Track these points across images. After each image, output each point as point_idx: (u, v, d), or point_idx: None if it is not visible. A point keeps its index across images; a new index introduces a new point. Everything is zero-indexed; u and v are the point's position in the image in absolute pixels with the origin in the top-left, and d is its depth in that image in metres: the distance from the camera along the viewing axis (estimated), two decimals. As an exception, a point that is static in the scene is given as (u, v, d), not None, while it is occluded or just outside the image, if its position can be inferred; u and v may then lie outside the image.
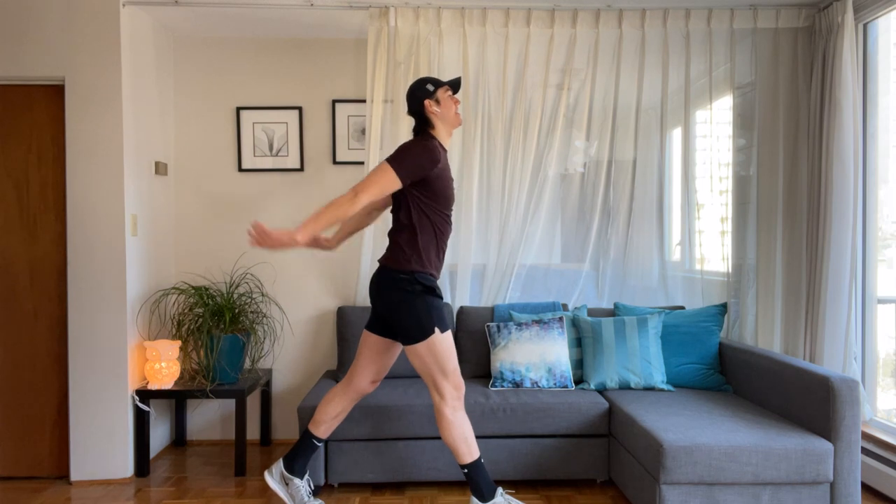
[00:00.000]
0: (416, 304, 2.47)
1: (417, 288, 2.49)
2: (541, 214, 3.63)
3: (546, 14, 3.45)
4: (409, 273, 2.49)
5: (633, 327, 3.25)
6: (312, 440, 2.72)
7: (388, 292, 2.51)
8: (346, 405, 2.72)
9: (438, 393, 2.51)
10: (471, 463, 2.51)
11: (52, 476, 3.24)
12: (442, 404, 2.50)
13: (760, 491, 2.48)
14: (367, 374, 2.69)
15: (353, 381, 2.70)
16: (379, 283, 2.54)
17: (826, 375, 2.55)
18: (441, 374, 2.49)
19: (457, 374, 2.53)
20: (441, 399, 2.51)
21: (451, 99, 2.60)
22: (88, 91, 3.12)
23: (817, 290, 3.23)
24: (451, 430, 2.50)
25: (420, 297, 2.48)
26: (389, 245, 2.57)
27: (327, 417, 2.71)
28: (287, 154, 3.77)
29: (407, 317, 2.47)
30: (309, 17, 3.45)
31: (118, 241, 3.15)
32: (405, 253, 2.50)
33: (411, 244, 2.50)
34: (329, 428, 2.73)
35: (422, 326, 2.47)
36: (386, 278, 2.52)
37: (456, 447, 2.50)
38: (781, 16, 3.43)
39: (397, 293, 2.49)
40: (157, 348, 3.24)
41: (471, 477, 2.52)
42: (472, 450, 2.52)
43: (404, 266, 2.49)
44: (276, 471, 2.73)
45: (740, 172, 3.63)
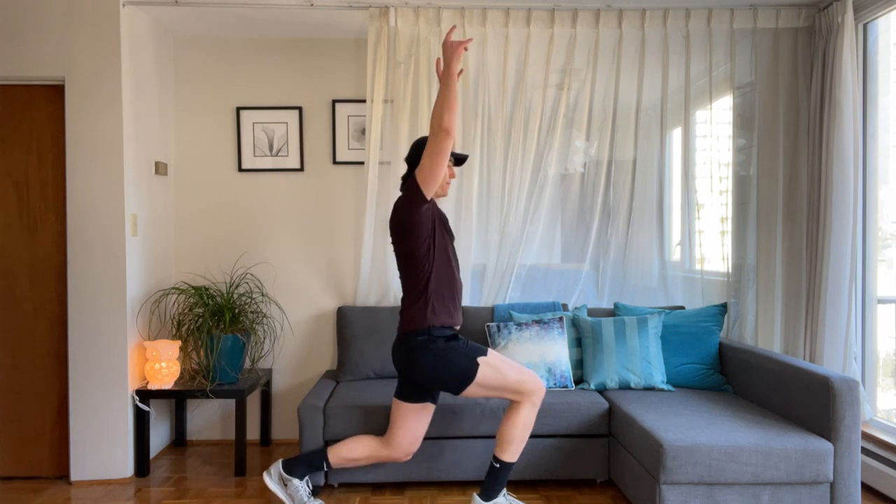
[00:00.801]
0: (447, 357, 2.48)
1: (440, 342, 2.49)
2: (541, 214, 3.63)
3: (546, 14, 3.45)
4: (425, 331, 2.49)
5: (633, 327, 3.25)
6: (323, 462, 2.71)
7: (415, 357, 2.50)
8: (370, 457, 2.71)
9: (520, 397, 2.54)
10: (507, 462, 2.53)
11: (52, 476, 3.24)
12: (525, 399, 2.53)
13: (760, 491, 2.48)
14: (404, 440, 2.66)
15: (390, 447, 2.68)
16: (403, 352, 2.54)
17: (826, 375, 2.55)
18: (508, 390, 2.52)
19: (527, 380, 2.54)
20: (524, 398, 2.53)
21: (448, 169, 2.60)
22: (88, 91, 3.12)
23: (817, 290, 3.23)
24: (517, 425, 2.52)
25: (446, 348, 2.49)
26: (402, 311, 2.57)
27: (348, 456, 2.70)
28: (287, 154, 3.77)
29: (444, 374, 2.49)
30: (309, 17, 3.45)
31: (118, 241, 3.15)
32: (417, 313, 2.50)
33: (422, 302, 2.50)
34: (342, 465, 2.72)
35: (464, 372, 2.48)
36: (408, 345, 2.52)
37: (510, 442, 2.52)
38: (781, 16, 3.43)
39: (423, 354, 2.49)
40: (157, 348, 3.24)
41: (496, 474, 2.53)
42: (517, 453, 2.55)
43: (420, 326, 2.49)
44: (274, 472, 2.73)
45: (740, 172, 3.63)
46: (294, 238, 3.79)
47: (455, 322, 2.56)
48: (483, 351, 2.53)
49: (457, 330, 2.58)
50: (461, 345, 2.52)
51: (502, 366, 2.52)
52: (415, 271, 2.51)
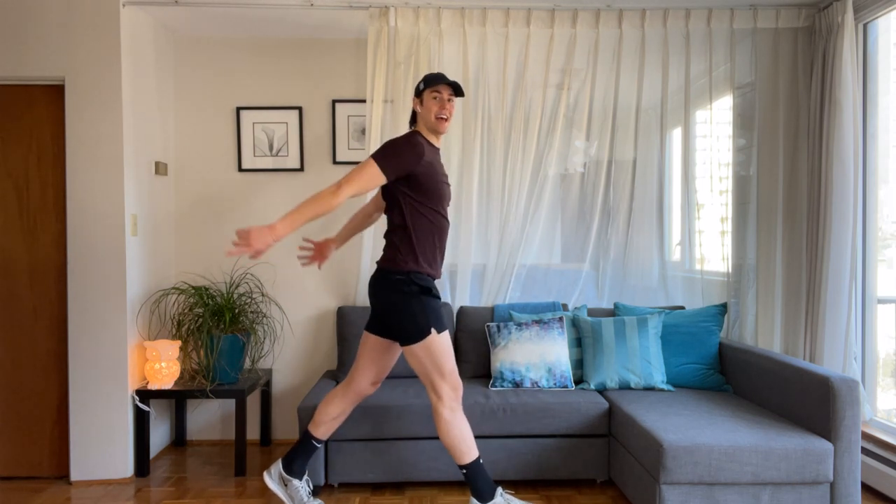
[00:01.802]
0: (412, 305, 2.47)
1: (414, 289, 2.48)
2: (541, 214, 3.63)
3: (546, 14, 3.45)
4: (404, 274, 2.49)
5: (633, 327, 3.25)
6: (312, 441, 2.72)
7: (384, 293, 2.50)
8: (346, 407, 2.72)
9: (436, 394, 2.50)
10: (469, 463, 2.51)
11: (52, 476, 3.24)
12: (439, 405, 2.50)
13: (760, 491, 2.48)
14: (367, 375, 2.69)
15: (354, 383, 2.70)
16: (376, 285, 2.54)
17: (826, 375, 2.55)
18: (438, 374, 2.49)
19: (454, 374, 2.52)
20: (438, 400, 2.50)
21: (436, 102, 2.54)
22: (88, 91, 3.12)
23: (817, 290, 3.23)
24: (448, 431, 2.50)
25: (416, 297, 2.48)
26: (385, 246, 2.57)
27: (327, 418, 2.71)
28: (287, 154, 3.77)
29: (404, 318, 2.47)
30: (309, 17, 3.45)
31: (118, 241, 3.15)
32: (400, 253, 2.50)
33: (406, 244, 2.50)
34: (329, 429, 2.73)
35: (419, 327, 2.46)
36: (382, 280, 2.52)
37: (454, 448, 2.50)
38: (781, 16, 3.43)
39: (394, 294, 2.48)
40: (157, 348, 3.23)
41: (470, 477, 2.51)
42: (471, 450, 2.51)
43: (400, 266, 2.49)
44: (274, 472, 2.73)
45: (740, 172, 3.63)
46: (294, 238, 3.79)
47: (435, 272, 2.56)
48: (443, 327, 2.52)
49: (434, 284, 2.56)
50: (432, 304, 2.50)
51: (449, 352, 2.52)
52: (401, 214, 2.51)
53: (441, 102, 2.55)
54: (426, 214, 2.51)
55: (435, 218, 2.54)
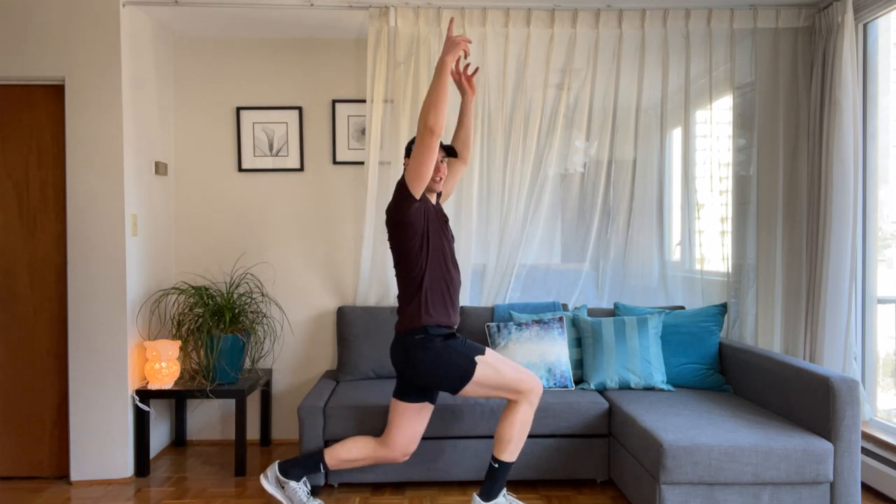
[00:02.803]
0: (444, 356, 2.47)
1: (437, 341, 2.48)
2: (541, 214, 3.63)
3: (546, 14, 3.45)
4: (422, 330, 2.48)
5: (633, 327, 3.25)
6: (320, 464, 2.70)
7: (413, 357, 2.49)
8: (367, 458, 2.70)
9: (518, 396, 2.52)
10: (506, 462, 2.52)
11: (52, 476, 3.24)
12: (522, 399, 2.52)
13: (760, 491, 2.48)
14: (400, 443, 2.65)
15: (388, 447, 2.67)
16: (401, 352, 2.53)
17: (826, 375, 2.55)
18: (505, 389, 2.51)
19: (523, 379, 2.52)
20: (521, 396, 2.52)
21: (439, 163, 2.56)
22: (88, 91, 3.12)
23: (817, 290, 3.23)
24: (514, 424, 2.51)
25: (444, 346, 2.48)
26: (398, 310, 2.56)
27: (346, 457, 2.68)
28: (287, 154, 3.77)
29: (442, 372, 2.47)
30: (309, 17, 3.45)
31: (118, 241, 3.15)
32: (413, 312, 2.49)
33: (417, 301, 2.49)
34: (339, 466, 2.71)
35: (461, 370, 2.47)
36: (404, 344, 2.51)
37: (508, 441, 2.50)
38: (781, 16, 3.43)
39: (422, 354, 2.48)
40: (157, 348, 3.24)
41: (495, 474, 2.52)
42: (516, 452, 2.54)
43: (415, 324, 2.48)
44: (270, 475, 2.72)
45: (740, 172, 3.63)
46: (294, 238, 3.79)
47: (452, 322, 2.56)
48: (481, 350, 2.53)
49: (454, 329, 2.57)
50: (459, 344, 2.52)
51: (500, 365, 2.52)
52: (409, 270, 2.51)
53: (442, 165, 2.57)
54: (435, 267, 2.51)
55: (444, 271, 2.53)
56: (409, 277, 2.51)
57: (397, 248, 2.52)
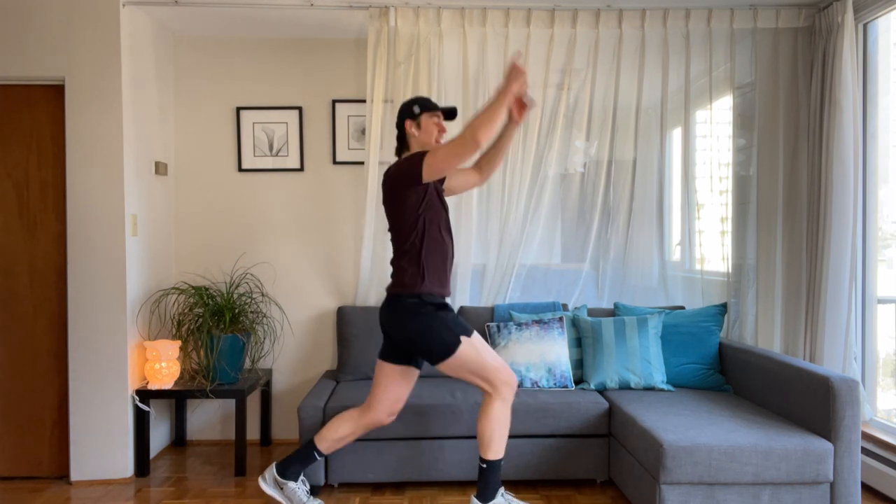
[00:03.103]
0: (433, 325, 2.46)
1: (429, 308, 2.48)
2: (541, 214, 3.63)
3: (546, 14, 3.45)
4: (416, 296, 2.48)
5: (633, 327, 3.25)
6: (314, 452, 2.70)
7: (402, 320, 2.49)
8: (355, 431, 2.69)
9: (491, 388, 2.51)
10: (493, 461, 2.51)
11: (52, 476, 3.24)
12: (494, 394, 2.50)
13: (760, 491, 2.48)
14: (384, 404, 2.65)
15: (370, 411, 2.66)
16: (391, 313, 2.53)
17: (826, 375, 2.55)
18: (481, 377, 2.50)
19: (500, 369, 2.51)
20: (494, 390, 2.50)
21: (436, 125, 2.58)
22: (88, 91, 3.12)
23: (817, 290, 3.23)
24: (491, 421, 2.49)
25: (433, 316, 2.47)
26: (393, 273, 2.56)
27: (334, 436, 2.68)
28: (287, 154, 3.77)
29: (427, 339, 2.47)
30: (309, 17, 3.45)
31: (118, 241, 3.15)
32: (410, 277, 2.49)
33: (414, 266, 2.49)
34: (332, 447, 2.71)
35: (445, 343, 2.46)
36: (396, 307, 2.51)
37: (489, 440, 2.50)
38: (781, 16, 3.43)
39: (411, 318, 2.47)
40: (157, 348, 3.24)
41: (485, 474, 2.51)
42: (500, 449, 2.52)
43: (411, 290, 2.48)
44: (269, 476, 2.72)
45: (740, 172, 3.63)
46: (294, 238, 3.79)
47: (445, 291, 2.56)
48: (468, 331, 2.53)
49: (446, 301, 2.57)
50: (450, 317, 2.51)
51: (483, 350, 2.52)
52: (407, 236, 2.50)
53: (439, 126, 2.59)
54: (432, 236, 2.51)
55: (440, 237, 2.53)
56: (405, 242, 2.51)
57: (394, 212, 2.51)
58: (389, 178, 2.50)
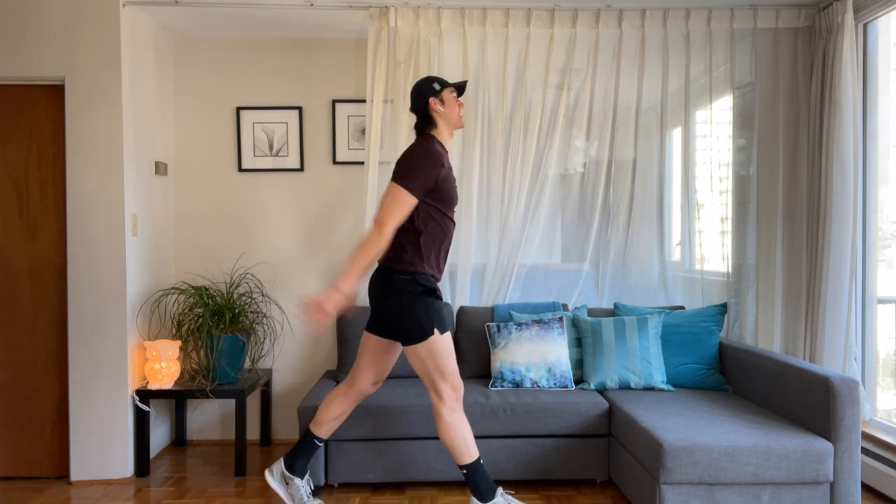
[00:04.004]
0: (415, 306, 2.47)
1: (418, 289, 2.48)
2: (541, 214, 3.63)
3: (546, 14, 3.45)
4: (409, 274, 2.49)
5: (633, 327, 3.25)
6: (314, 440, 2.72)
7: (388, 293, 2.50)
8: (347, 406, 2.73)
9: (437, 394, 2.51)
10: (470, 464, 2.51)
11: (52, 476, 3.24)
12: (440, 405, 2.50)
13: (760, 491, 2.48)
14: (368, 375, 2.69)
15: (355, 383, 2.70)
16: (379, 284, 2.54)
17: (826, 375, 2.55)
18: (440, 375, 2.49)
19: (455, 375, 2.52)
20: (439, 400, 2.50)
21: (456, 101, 2.61)
22: (88, 91, 3.12)
23: (817, 290, 3.23)
24: (448, 432, 2.50)
25: (420, 298, 2.48)
26: (390, 245, 2.55)
27: (329, 418, 2.71)
28: (287, 154, 3.77)
29: (406, 318, 2.47)
30: (309, 17, 3.45)
31: (118, 241, 3.15)
32: (407, 254, 2.50)
33: (413, 245, 2.50)
34: (330, 428, 2.73)
35: (421, 327, 2.46)
36: (386, 279, 2.51)
37: (454, 448, 2.50)
38: (781, 16, 3.43)
39: (398, 294, 2.48)
40: (157, 348, 3.24)
41: (470, 478, 2.51)
42: (471, 450, 2.51)
43: (405, 267, 2.49)
44: (276, 470, 2.74)
45: (740, 172, 3.63)
46: (294, 238, 3.79)
47: (439, 272, 2.57)
48: (446, 329, 2.52)
49: (438, 286, 2.57)
50: (435, 305, 2.50)
51: (451, 353, 2.52)
52: (410, 215, 2.51)
53: (459, 101, 2.63)
54: (436, 218, 2.51)
55: (444, 222, 2.54)
56: (410, 219, 2.50)
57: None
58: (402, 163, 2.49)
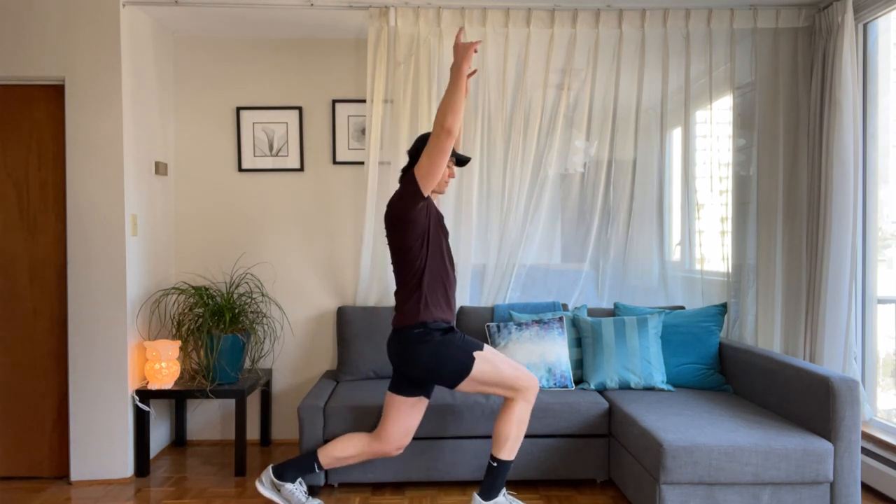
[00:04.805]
0: (441, 349, 2.47)
1: (436, 335, 2.48)
2: (541, 214, 3.63)
3: (546, 14, 3.45)
4: (422, 325, 2.49)
5: (633, 327, 3.25)
6: (314, 464, 2.70)
7: (411, 351, 2.49)
8: (361, 455, 2.70)
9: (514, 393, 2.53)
10: (505, 461, 2.53)
11: (52, 476, 3.24)
12: (517, 396, 2.53)
13: (760, 491, 2.48)
14: (395, 436, 2.66)
15: (381, 441, 2.68)
16: (397, 345, 2.53)
17: (826, 375, 2.55)
18: (504, 387, 2.51)
19: (522, 377, 2.53)
20: (517, 394, 2.53)
21: (449, 169, 2.61)
22: (88, 91, 3.12)
23: (817, 290, 3.23)
24: (510, 423, 2.52)
25: (442, 341, 2.48)
26: (396, 306, 2.57)
27: (339, 455, 2.69)
28: (287, 154, 3.77)
29: (442, 365, 2.47)
30: (309, 17, 3.45)
31: (118, 241, 3.15)
32: (412, 308, 2.50)
33: (416, 297, 2.50)
34: (333, 464, 2.71)
35: (460, 364, 2.47)
36: (403, 339, 2.51)
37: (505, 440, 2.51)
38: (781, 16, 3.43)
39: (420, 347, 2.48)
40: (157, 348, 3.24)
41: (495, 474, 2.53)
42: (514, 451, 2.54)
43: (415, 320, 2.49)
44: (265, 479, 2.72)
45: (740, 172, 3.63)
46: (294, 238, 3.79)
47: (449, 318, 2.56)
48: (479, 346, 2.53)
49: (452, 324, 2.58)
50: (458, 338, 2.52)
51: (498, 361, 2.52)
52: (409, 266, 2.51)
53: (451, 170, 2.63)
54: (435, 263, 2.52)
55: (442, 268, 2.54)
56: (408, 273, 2.52)
57: (397, 243, 2.52)
58: (393, 209, 2.50)
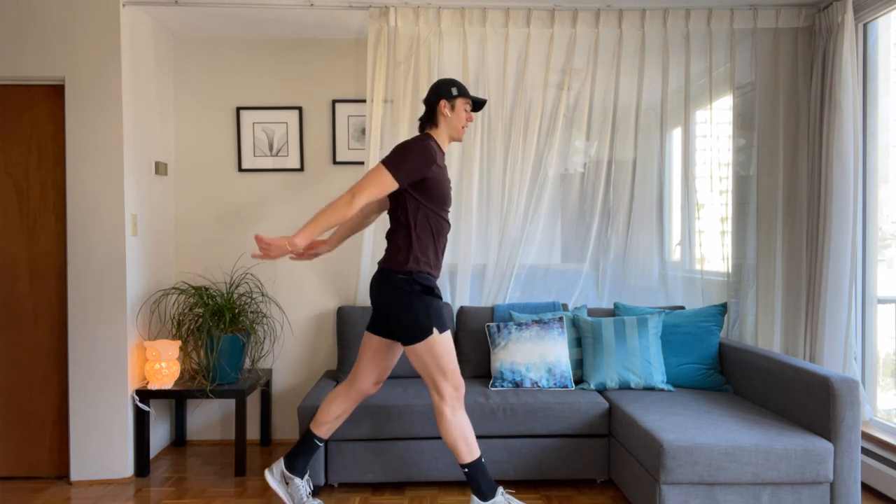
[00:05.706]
0: (414, 305, 2.47)
1: (416, 288, 2.49)
2: (541, 214, 3.63)
3: (546, 14, 3.45)
4: (407, 273, 2.50)
5: (633, 327, 3.25)
6: (314, 440, 2.73)
7: (386, 293, 2.51)
8: (347, 406, 2.73)
9: (438, 393, 2.51)
10: (471, 462, 2.51)
11: (52, 476, 3.24)
12: (441, 404, 2.51)
13: (760, 491, 2.48)
14: (369, 375, 2.70)
15: (356, 383, 2.71)
16: (378, 285, 2.55)
17: (826, 375, 2.55)
18: (440, 374, 2.50)
19: (456, 374, 2.53)
20: (441, 399, 2.51)
21: (466, 113, 2.63)
22: (88, 91, 3.12)
23: (817, 290, 3.23)
24: (450, 430, 2.50)
25: (419, 297, 2.49)
26: (387, 247, 2.58)
27: (329, 418, 2.72)
28: (287, 154, 3.77)
29: (406, 317, 2.48)
30: (309, 17, 3.45)
31: (118, 241, 3.15)
32: (402, 253, 2.51)
33: (408, 245, 2.51)
34: (331, 428, 2.73)
35: (420, 327, 2.47)
36: (384, 280, 2.52)
37: (456, 447, 2.51)
38: (781, 16, 3.43)
39: (396, 294, 2.49)
40: (157, 348, 3.24)
41: (471, 476, 2.52)
42: (473, 449, 2.52)
43: (402, 267, 2.50)
44: (276, 470, 2.74)
45: (740, 172, 3.63)
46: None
47: (435, 273, 2.58)
48: (445, 328, 2.53)
49: (436, 284, 2.58)
50: (434, 304, 2.51)
51: (451, 351, 2.53)
52: (405, 212, 2.52)
53: (469, 114, 2.65)
54: (429, 217, 2.53)
55: (438, 220, 2.55)
56: (403, 216, 2.52)
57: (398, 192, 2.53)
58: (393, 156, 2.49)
